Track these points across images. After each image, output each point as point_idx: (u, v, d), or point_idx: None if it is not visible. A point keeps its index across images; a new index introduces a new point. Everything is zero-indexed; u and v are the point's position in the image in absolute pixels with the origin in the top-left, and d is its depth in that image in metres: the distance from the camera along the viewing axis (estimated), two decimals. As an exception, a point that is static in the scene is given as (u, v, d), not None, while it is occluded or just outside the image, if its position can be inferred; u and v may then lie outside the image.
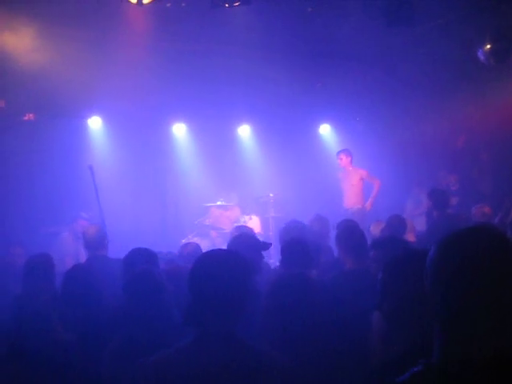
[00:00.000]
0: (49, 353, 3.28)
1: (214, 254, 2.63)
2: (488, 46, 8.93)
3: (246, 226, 7.75)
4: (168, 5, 7.46)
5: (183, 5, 7.75)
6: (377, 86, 11.05)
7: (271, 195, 10.84)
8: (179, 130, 11.72)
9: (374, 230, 6.75)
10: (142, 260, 4.17)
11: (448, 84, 10.94)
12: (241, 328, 2.49)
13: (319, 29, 8.62)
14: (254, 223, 10.33)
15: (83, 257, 6.89)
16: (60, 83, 8.55)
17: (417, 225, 8.09)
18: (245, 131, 12.34)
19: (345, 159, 10.64)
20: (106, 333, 3.51)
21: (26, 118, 9.68)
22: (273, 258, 8.10)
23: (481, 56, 9.10)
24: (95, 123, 10.70)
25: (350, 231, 4.88)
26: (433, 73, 10.81)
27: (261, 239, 5.09)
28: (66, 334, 3.57)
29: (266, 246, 4.56)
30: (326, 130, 12.89)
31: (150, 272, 3.51)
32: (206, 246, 8.41)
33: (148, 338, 3.10)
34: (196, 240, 9.55)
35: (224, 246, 7.01)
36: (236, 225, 9.13)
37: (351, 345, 3.06)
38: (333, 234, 5.97)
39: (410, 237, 6.41)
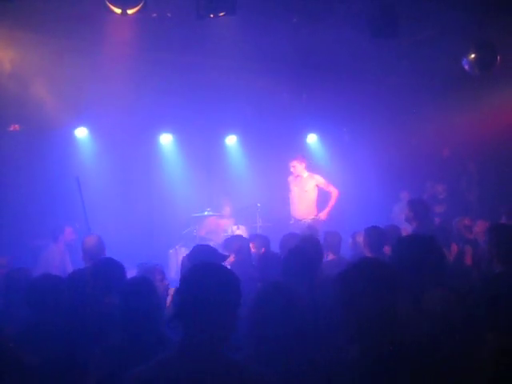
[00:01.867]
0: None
1: (206, 269, 2.57)
2: (472, 56, 8.98)
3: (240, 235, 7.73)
4: (154, 15, 7.45)
5: (169, 15, 7.73)
6: (363, 97, 11.11)
7: (258, 205, 10.82)
8: (166, 141, 11.70)
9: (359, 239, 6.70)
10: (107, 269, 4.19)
11: (434, 95, 11.04)
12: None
13: (305, 40, 8.65)
14: (242, 233, 10.30)
15: (70, 269, 6.85)
16: (45, 93, 8.53)
17: (404, 230, 8.08)
18: (232, 141, 12.35)
19: (298, 166, 10.04)
20: (90, 343, 3.49)
21: (11, 128, 9.63)
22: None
23: (465, 65, 9.15)
24: (82, 134, 10.67)
25: (300, 253, 4.63)
26: (418, 84, 10.90)
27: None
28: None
29: (224, 258, 4.73)
30: (313, 140, 12.92)
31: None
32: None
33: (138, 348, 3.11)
34: (183, 250, 9.51)
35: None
36: (225, 235, 9.13)
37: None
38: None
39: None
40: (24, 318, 4.02)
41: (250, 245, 6.22)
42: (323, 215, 9.83)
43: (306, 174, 10.08)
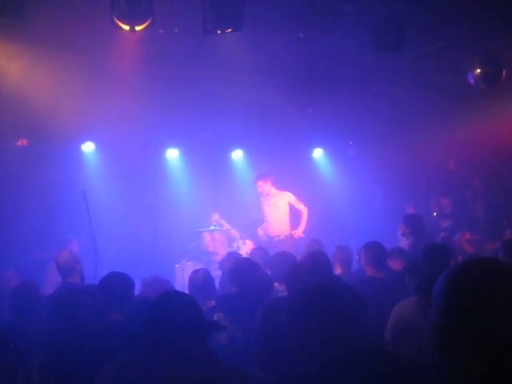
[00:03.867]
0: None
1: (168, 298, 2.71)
2: (478, 70, 9.00)
3: (237, 253, 7.74)
4: (161, 31, 7.50)
5: (176, 31, 7.79)
6: (369, 110, 11.12)
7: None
8: (172, 155, 11.74)
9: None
10: (118, 284, 4.16)
11: (439, 108, 11.04)
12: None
13: (311, 54, 8.69)
14: (248, 247, 10.29)
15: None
16: (53, 108, 8.58)
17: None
18: (238, 155, 12.37)
19: (264, 185, 9.93)
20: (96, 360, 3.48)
21: (19, 143, 9.69)
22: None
23: (471, 80, 9.17)
24: (88, 148, 10.72)
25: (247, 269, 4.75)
26: (424, 97, 10.91)
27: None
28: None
29: None
30: (318, 154, 12.94)
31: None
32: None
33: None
34: (190, 265, 9.52)
35: (218, 271, 7.02)
36: (229, 250, 9.13)
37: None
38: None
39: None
40: (34, 332, 4.02)
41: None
42: (299, 233, 9.73)
43: (273, 190, 9.98)
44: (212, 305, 4.89)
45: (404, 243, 8.06)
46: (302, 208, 9.89)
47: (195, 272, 5.78)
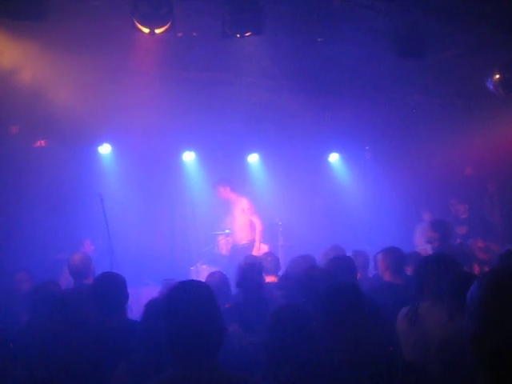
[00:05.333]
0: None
1: (184, 288, 2.64)
2: (497, 76, 8.93)
3: (254, 256, 7.71)
4: (179, 34, 7.51)
5: (194, 34, 7.81)
6: (386, 115, 11.08)
7: (280, 223, 10.82)
8: (189, 158, 11.76)
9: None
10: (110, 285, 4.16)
11: (457, 113, 10.98)
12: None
13: (329, 58, 8.67)
14: (263, 251, 10.26)
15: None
16: (71, 110, 8.62)
17: (424, 250, 8.00)
18: (254, 159, 12.37)
19: (223, 191, 9.84)
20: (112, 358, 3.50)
21: (37, 144, 9.76)
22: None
23: (490, 86, 9.10)
24: (105, 150, 10.77)
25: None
26: (442, 102, 10.85)
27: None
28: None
29: None
30: (335, 159, 12.91)
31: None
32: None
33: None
34: (204, 268, 9.52)
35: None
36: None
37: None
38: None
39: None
40: (52, 332, 4.04)
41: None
42: (255, 250, 9.45)
43: (233, 197, 9.86)
44: (228, 307, 4.90)
45: (423, 249, 8.02)
46: (255, 221, 9.64)
47: (211, 275, 5.80)
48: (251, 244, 9.55)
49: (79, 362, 3.64)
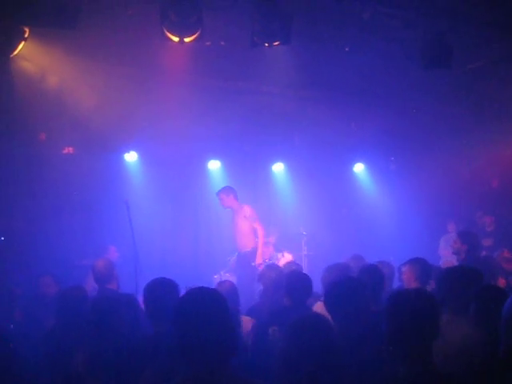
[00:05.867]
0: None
1: (195, 294, 2.68)
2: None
3: (277, 265, 7.69)
4: (208, 43, 7.57)
5: (222, 43, 7.86)
6: (412, 126, 11.02)
7: (304, 233, 10.79)
8: (214, 167, 11.80)
9: None
10: (162, 290, 4.16)
11: (484, 125, 10.88)
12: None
13: (356, 69, 8.66)
14: (286, 260, 10.23)
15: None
16: (99, 118, 8.71)
17: (450, 262, 7.91)
18: (279, 168, 12.37)
19: (226, 199, 9.76)
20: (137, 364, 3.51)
21: (65, 151, 9.86)
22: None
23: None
24: (132, 158, 10.85)
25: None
26: (468, 113, 10.77)
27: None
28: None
29: None
30: (360, 169, 12.86)
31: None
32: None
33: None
34: (227, 276, 9.52)
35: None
36: (268, 262, 9.09)
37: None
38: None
39: None
40: (77, 338, 4.06)
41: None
42: (257, 261, 9.42)
43: (236, 204, 9.82)
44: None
45: (448, 260, 7.93)
46: (258, 228, 9.62)
47: (221, 284, 5.82)
48: (254, 250, 9.54)
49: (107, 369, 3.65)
